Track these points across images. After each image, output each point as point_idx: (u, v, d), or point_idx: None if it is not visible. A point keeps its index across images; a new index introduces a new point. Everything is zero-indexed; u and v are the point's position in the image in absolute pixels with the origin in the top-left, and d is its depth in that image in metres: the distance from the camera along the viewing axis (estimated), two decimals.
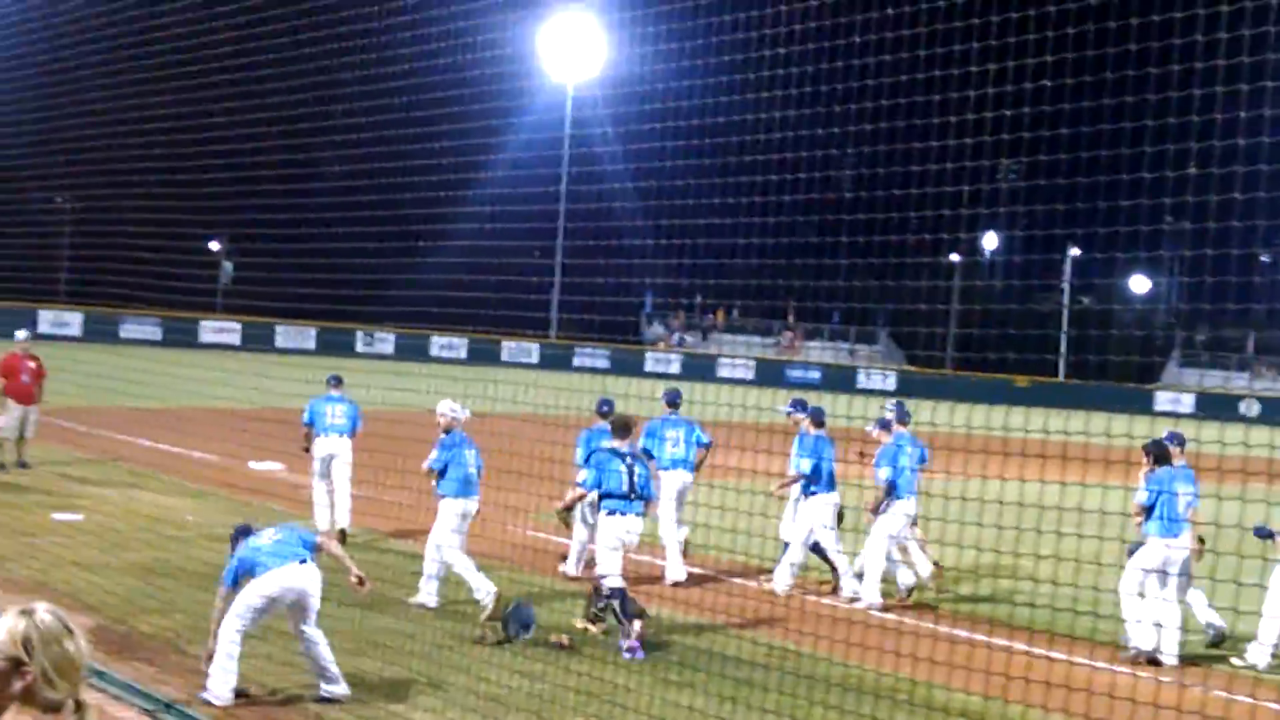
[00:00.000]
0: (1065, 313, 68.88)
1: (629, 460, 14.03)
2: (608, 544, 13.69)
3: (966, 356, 61.34)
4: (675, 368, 69.25)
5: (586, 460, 14.99)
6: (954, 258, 52.20)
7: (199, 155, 23.67)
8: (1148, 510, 14.15)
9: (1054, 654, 12.71)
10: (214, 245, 49.51)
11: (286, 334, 56.75)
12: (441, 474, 14.53)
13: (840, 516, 17.01)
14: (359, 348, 56.26)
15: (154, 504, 19.37)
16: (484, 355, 56.99)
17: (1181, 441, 14.80)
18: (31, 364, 22.91)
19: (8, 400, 22.43)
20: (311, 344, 57.28)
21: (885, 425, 16.92)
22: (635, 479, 13.85)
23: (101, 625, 12.28)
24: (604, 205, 21.17)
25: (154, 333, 54.58)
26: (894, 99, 11.92)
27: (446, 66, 17.51)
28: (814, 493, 16.58)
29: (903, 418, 17.15)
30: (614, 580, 13.33)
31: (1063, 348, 52.16)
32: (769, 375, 66.00)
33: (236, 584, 10.66)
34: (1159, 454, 14.45)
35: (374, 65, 18.62)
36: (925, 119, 11.96)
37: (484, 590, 13.53)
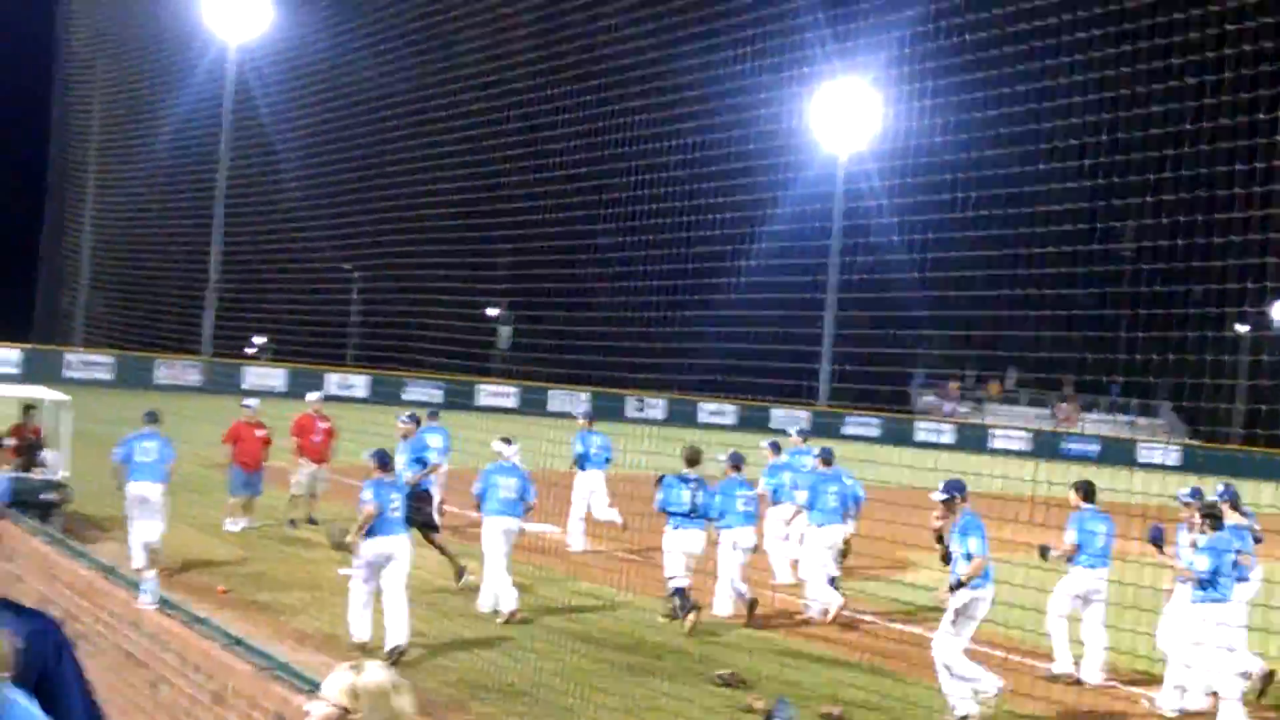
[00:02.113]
0: None
1: (693, 485, 16.98)
2: (672, 551, 16.80)
3: (1255, 431, 58.58)
4: (948, 438, 68.01)
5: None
6: (1241, 329, 50.05)
7: (481, 226, 24.61)
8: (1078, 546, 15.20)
9: None
10: (492, 311, 51.21)
11: (560, 398, 58.04)
12: (482, 498, 17.04)
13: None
14: (629, 413, 57.09)
15: (436, 562, 19.93)
16: (752, 422, 57.17)
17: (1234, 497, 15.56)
18: (323, 424, 23.85)
19: (300, 459, 23.42)
20: (586, 408, 58.36)
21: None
22: (696, 501, 16.76)
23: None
24: (877, 275, 21.22)
25: (435, 395, 56.58)
26: (1177, 170, 11.69)
27: (721, 141, 17.88)
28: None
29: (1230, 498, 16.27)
30: (680, 580, 16.59)
31: None
32: (1045, 447, 64.30)
33: None
34: (1087, 491, 15.50)
35: (650, 140, 19.12)
36: (1210, 189, 11.69)
37: (506, 600, 16.20)
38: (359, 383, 57.81)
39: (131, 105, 57.99)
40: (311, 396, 24.70)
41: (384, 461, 15.53)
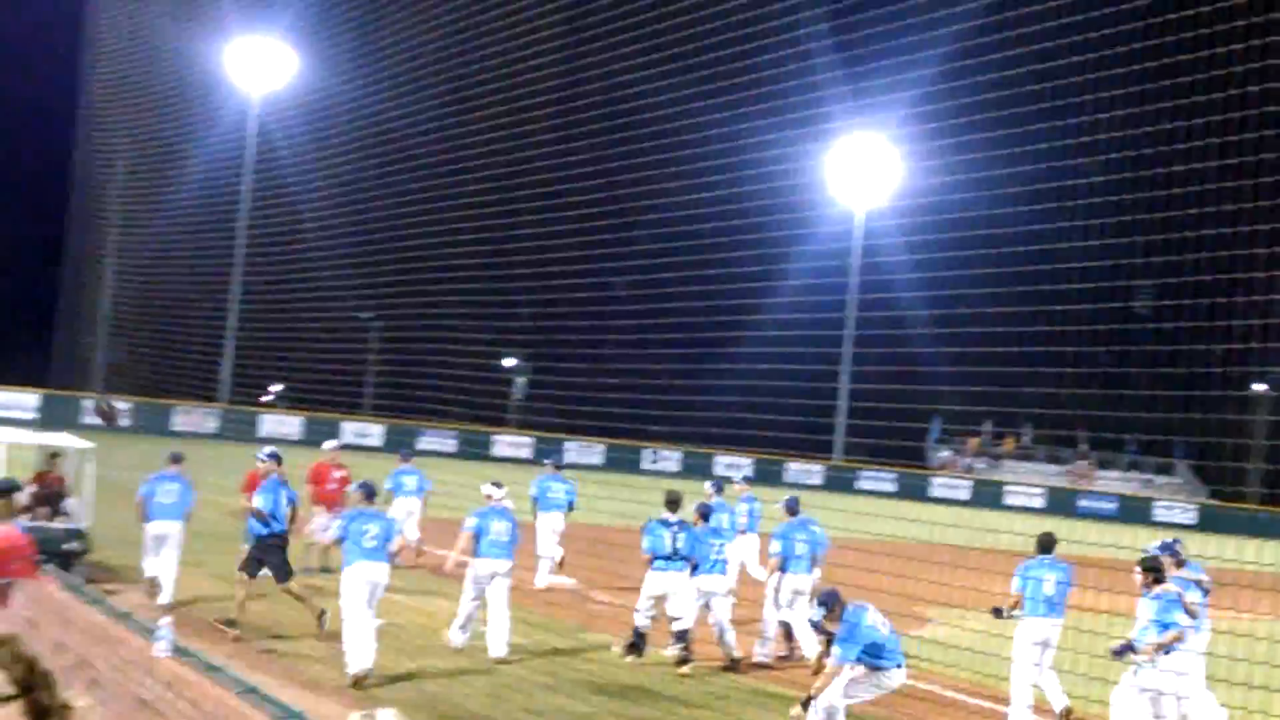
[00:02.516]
0: None
1: (674, 528, 17.46)
2: (649, 592, 17.27)
3: (1273, 491, 58.31)
4: (963, 493, 67.65)
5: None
6: (1259, 388, 49.96)
7: (501, 276, 24.71)
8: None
9: None
10: (509, 361, 51.22)
11: (576, 450, 57.96)
12: (477, 539, 17.49)
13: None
14: (644, 465, 56.99)
15: (452, 613, 19.85)
16: (767, 475, 57.13)
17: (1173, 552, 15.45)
18: (339, 473, 23.86)
19: (315, 506, 23.41)
20: (598, 459, 58.44)
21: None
22: (677, 544, 17.28)
23: None
24: (894, 331, 21.23)
25: (449, 444, 56.55)
26: (1197, 229, 11.70)
27: (741, 195, 17.96)
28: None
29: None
30: (644, 619, 17.25)
31: None
32: (1060, 504, 64.01)
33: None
34: (1040, 542, 15.77)
35: (670, 194, 19.24)
36: (1230, 249, 11.69)
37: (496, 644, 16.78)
38: (375, 431, 57.83)
39: (153, 154, 58.51)
40: (328, 445, 24.75)
41: (369, 493, 16.72)
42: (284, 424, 57.71)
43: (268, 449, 24.26)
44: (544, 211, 22.61)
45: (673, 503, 18.00)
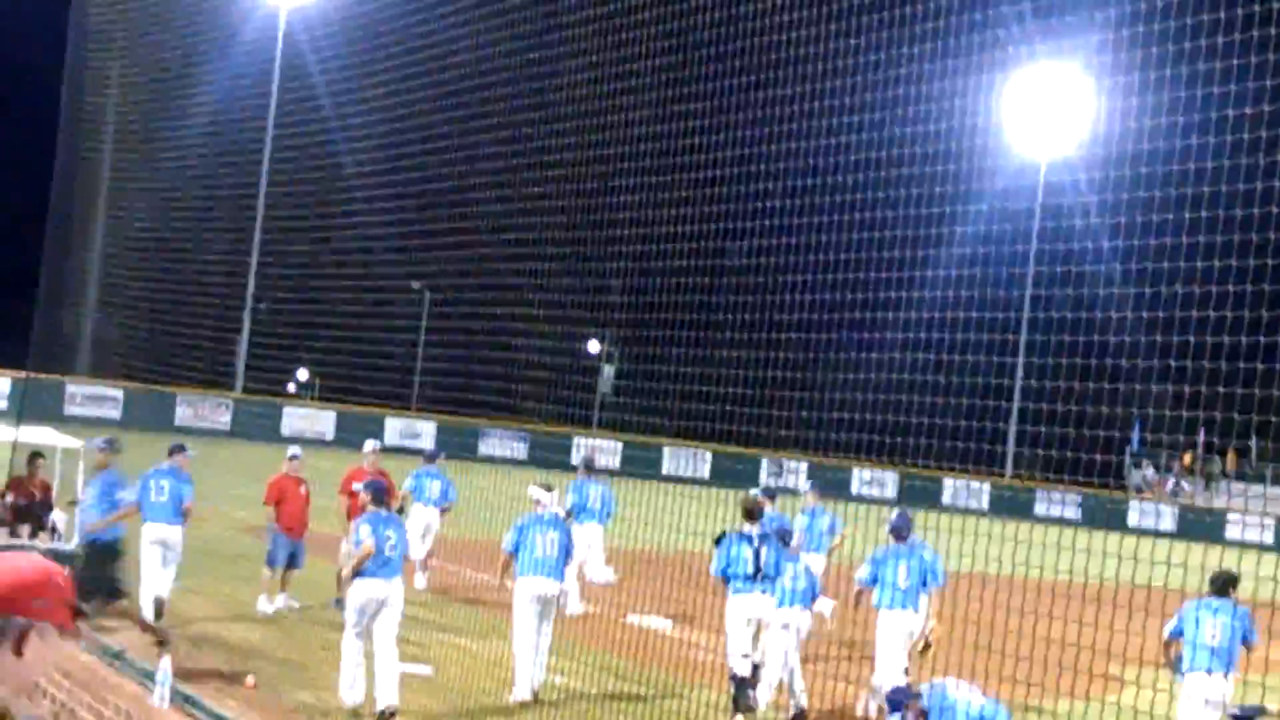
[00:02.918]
0: None
1: (756, 543, 17.99)
2: (737, 623, 17.65)
3: None
4: (1168, 523, 66.84)
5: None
6: None
7: (587, 240, 24.71)
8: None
9: None
10: (594, 346, 51.20)
11: (677, 457, 58.01)
12: (515, 554, 18.30)
13: None
14: (764, 479, 56.95)
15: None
16: (919, 495, 56.85)
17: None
18: (380, 482, 24.13)
19: (352, 522, 23.62)
20: (705, 471, 58.48)
21: None
22: (761, 561, 17.76)
23: None
24: (1083, 313, 20.99)
25: (519, 448, 56.75)
26: None
27: (897, 138, 17.86)
28: None
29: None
30: (742, 664, 17.37)
31: None
32: None
33: None
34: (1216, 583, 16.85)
35: (804, 136, 19.12)
36: None
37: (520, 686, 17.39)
38: (425, 430, 58.26)
39: (156, 84, 59.25)
40: (368, 447, 25.00)
41: (378, 493, 17.57)
42: (313, 419, 58.50)
43: (293, 449, 24.70)
44: (647, 156, 22.56)
45: (752, 512, 18.61)
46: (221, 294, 59.75)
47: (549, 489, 19.13)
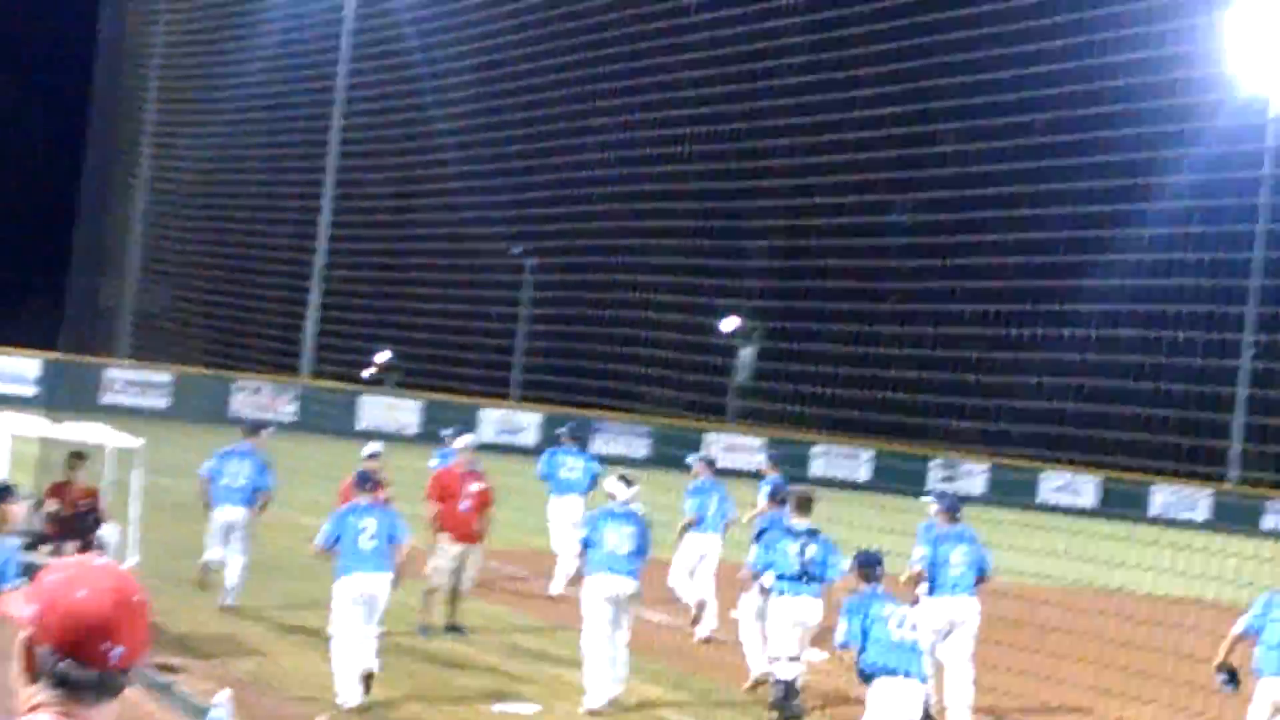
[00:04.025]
0: None
1: (803, 538, 19.02)
2: (780, 625, 18.91)
3: None
4: None
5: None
6: None
7: (721, 194, 24.46)
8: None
9: None
10: (728, 324, 50.76)
11: (829, 458, 57.41)
12: (586, 547, 19.20)
13: None
14: (934, 483, 56.32)
15: (632, 693, 19.91)
16: (1122, 499, 56.04)
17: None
18: (475, 485, 23.79)
19: (440, 534, 23.45)
20: (864, 473, 58.00)
21: None
22: (806, 558, 18.75)
23: None
24: None
25: (640, 445, 56.34)
26: None
27: (1089, 79, 17.49)
28: None
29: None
30: (786, 668, 18.45)
31: None
32: None
33: None
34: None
35: (982, 68, 18.76)
36: None
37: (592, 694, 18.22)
38: (528, 423, 58.14)
39: (214, 13, 59.56)
40: (461, 442, 24.87)
41: (363, 481, 18.88)
42: (396, 409, 58.55)
43: (372, 446, 24.66)
44: (796, 92, 22.27)
45: (805, 502, 19.87)
46: (286, 260, 59.99)
47: (629, 483, 19.83)
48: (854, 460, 59.20)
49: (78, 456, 22.69)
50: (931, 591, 19.24)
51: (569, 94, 28.33)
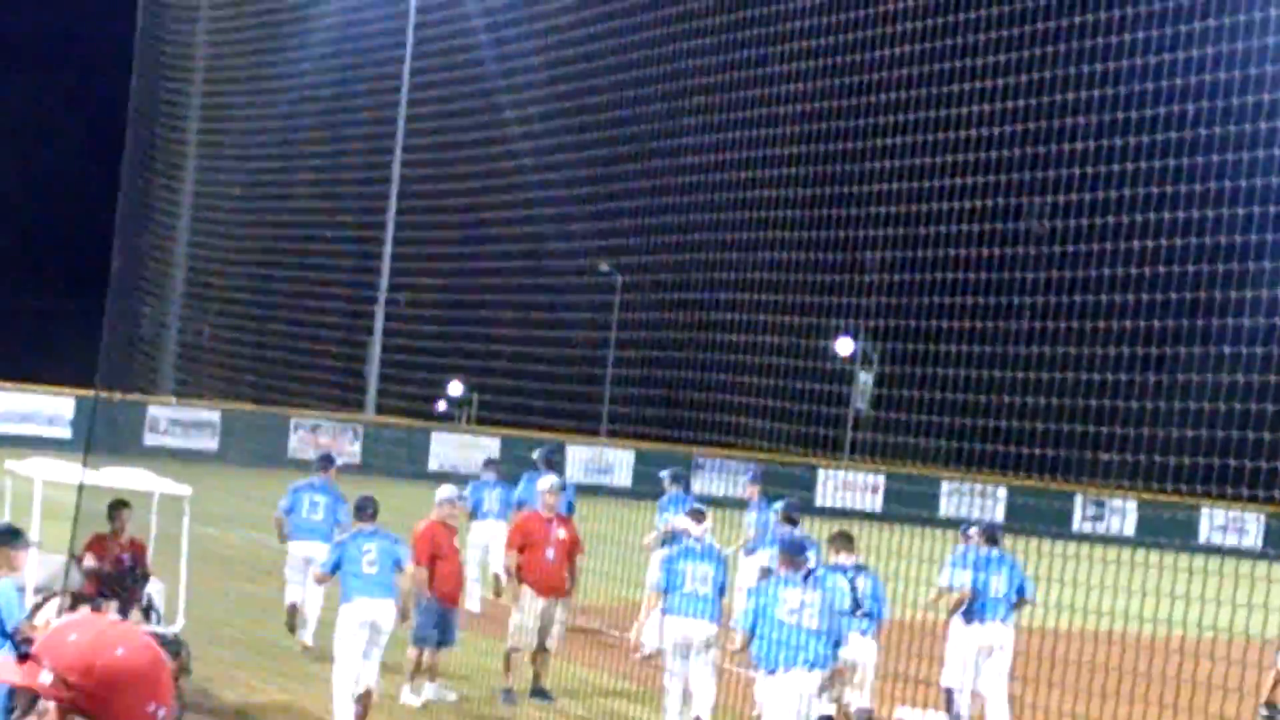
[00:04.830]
0: None
1: (850, 573, 20.08)
2: None
3: None
4: None
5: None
6: None
7: (831, 200, 24.47)
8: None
9: None
10: (844, 346, 50.68)
11: (957, 496, 57.22)
12: (664, 592, 20.36)
13: None
14: (1079, 524, 56.10)
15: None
16: None
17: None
18: (561, 532, 23.91)
19: (523, 588, 23.52)
20: (996, 511, 57.93)
21: None
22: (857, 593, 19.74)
23: None
24: None
25: (744, 486, 56.18)
26: None
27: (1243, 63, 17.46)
28: None
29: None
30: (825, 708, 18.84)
31: None
32: None
33: None
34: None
35: (1121, 69, 18.74)
36: None
37: None
38: (620, 461, 58.26)
39: (255, 22, 59.98)
40: (544, 484, 24.96)
41: (362, 508, 20.14)
42: (470, 449, 58.80)
43: (447, 490, 24.85)
44: (914, 84, 22.30)
45: (848, 539, 21.05)
46: (347, 283, 60.27)
47: (700, 516, 21.22)
48: (986, 497, 59.07)
49: (121, 505, 22.73)
50: (969, 618, 19.90)
51: (662, 90, 28.37)
